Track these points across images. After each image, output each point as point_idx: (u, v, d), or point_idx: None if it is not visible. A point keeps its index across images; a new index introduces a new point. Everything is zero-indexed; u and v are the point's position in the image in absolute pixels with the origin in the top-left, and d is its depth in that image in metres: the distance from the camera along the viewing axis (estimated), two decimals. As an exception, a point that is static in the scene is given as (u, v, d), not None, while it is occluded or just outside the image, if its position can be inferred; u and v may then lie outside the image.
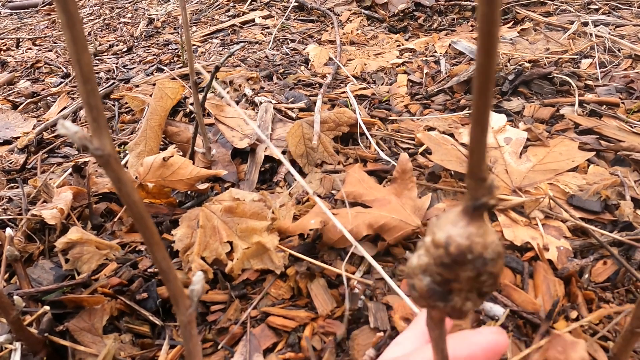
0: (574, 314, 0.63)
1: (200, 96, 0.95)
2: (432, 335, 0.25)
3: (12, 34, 2.60)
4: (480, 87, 0.17)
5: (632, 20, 1.58)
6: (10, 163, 1.14)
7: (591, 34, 1.45)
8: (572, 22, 1.59)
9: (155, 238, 0.24)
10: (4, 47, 2.33)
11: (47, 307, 0.66)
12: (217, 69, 0.87)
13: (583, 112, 1.09)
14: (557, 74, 1.22)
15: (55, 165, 1.12)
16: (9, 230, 0.75)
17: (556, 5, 1.80)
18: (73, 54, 0.18)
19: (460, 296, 0.22)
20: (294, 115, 1.19)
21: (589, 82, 1.21)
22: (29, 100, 1.54)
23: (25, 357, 0.65)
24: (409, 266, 0.23)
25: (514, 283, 0.68)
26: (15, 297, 0.60)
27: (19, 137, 1.28)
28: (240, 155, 1.06)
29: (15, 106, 1.53)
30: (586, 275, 0.69)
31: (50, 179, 1.02)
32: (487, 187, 0.20)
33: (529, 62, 1.28)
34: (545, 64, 1.30)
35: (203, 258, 0.75)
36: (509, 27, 1.69)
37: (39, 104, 1.54)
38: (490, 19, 0.16)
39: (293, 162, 1.01)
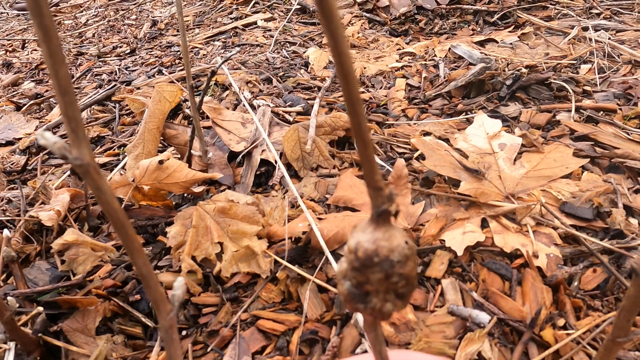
0: (561, 322, 0.63)
1: (198, 99, 0.96)
2: (369, 337, 0.26)
3: (19, 35, 2.64)
4: (351, 110, 0.20)
5: (633, 25, 1.57)
6: (12, 164, 1.16)
7: (591, 39, 1.45)
8: (572, 27, 1.59)
9: (136, 245, 0.24)
10: (10, 48, 2.36)
11: (40, 308, 0.67)
12: (213, 73, 0.88)
13: (580, 118, 1.09)
14: (555, 79, 1.22)
15: (55, 167, 1.13)
16: (6, 232, 0.76)
17: (558, 9, 1.79)
18: (51, 68, 0.19)
19: (378, 297, 0.23)
20: (291, 119, 1.20)
21: (587, 88, 1.21)
22: (32, 102, 1.56)
23: (19, 356, 0.66)
24: (336, 273, 0.24)
25: (502, 290, 0.68)
26: (9, 297, 0.62)
27: (20, 139, 1.30)
28: (237, 158, 1.07)
29: (18, 107, 1.55)
30: (575, 283, 0.69)
31: (49, 181, 1.04)
32: (386, 195, 0.22)
33: (527, 67, 1.28)
34: (543, 69, 1.30)
35: (194, 258, 0.76)
36: (509, 32, 1.69)
37: (41, 105, 1.56)
38: (339, 51, 0.18)
39: (289, 166, 1.01)
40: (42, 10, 0.18)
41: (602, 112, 1.10)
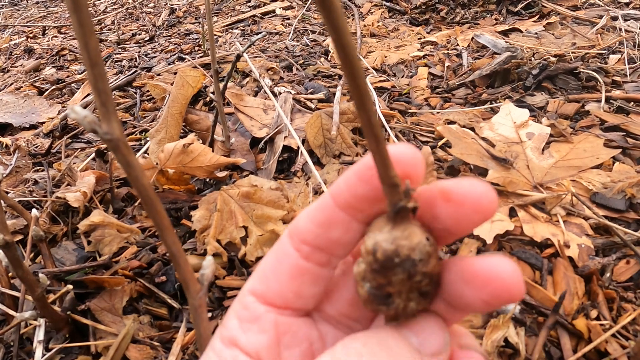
0: (594, 313, 0.62)
1: (221, 85, 0.96)
2: None
3: (39, 22, 2.66)
4: (358, 104, 0.18)
5: (665, 15, 1.52)
6: (36, 147, 1.17)
7: (620, 29, 1.41)
8: (600, 17, 1.54)
9: (165, 222, 0.23)
10: (31, 35, 2.38)
11: (70, 286, 0.68)
12: (238, 57, 0.88)
13: (609, 108, 1.06)
14: (583, 69, 1.19)
15: (79, 150, 1.14)
16: (34, 211, 0.77)
17: (584, -1, 1.75)
18: (80, 38, 0.18)
19: (401, 297, 0.22)
20: (312, 106, 1.19)
21: (617, 78, 1.17)
22: (54, 87, 1.57)
23: (48, 333, 0.67)
24: (354, 274, 0.23)
25: (533, 279, 0.67)
26: (40, 274, 0.62)
27: (44, 122, 1.31)
28: (259, 144, 1.07)
29: (41, 92, 1.56)
30: (608, 274, 0.67)
31: (74, 163, 1.04)
32: (402, 191, 0.21)
33: (555, 56, 1.25)
34: (571, 59, 1.26)
35: (218, 241, 0.76)
36: (534, 21, 1.66)
37: (63, 90, 1.57)
38: (342, 42, 0.17)
39: (311, 153, 1.01)
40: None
41: (632, 103, 1.07)
